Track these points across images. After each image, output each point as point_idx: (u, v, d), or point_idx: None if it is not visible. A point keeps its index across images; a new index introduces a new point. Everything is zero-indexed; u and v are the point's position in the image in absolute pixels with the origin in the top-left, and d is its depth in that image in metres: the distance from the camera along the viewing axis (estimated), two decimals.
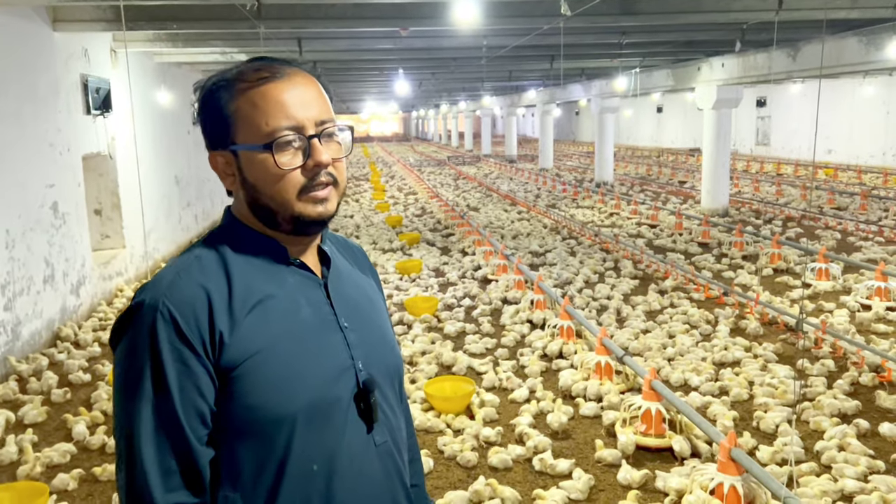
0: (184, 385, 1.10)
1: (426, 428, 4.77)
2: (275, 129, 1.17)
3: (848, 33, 9.69)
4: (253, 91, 1.18)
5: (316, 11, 7.87)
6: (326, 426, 1.18)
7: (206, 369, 1.12)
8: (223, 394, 1.13)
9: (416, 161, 31.75)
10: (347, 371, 1.23)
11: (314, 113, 1.21)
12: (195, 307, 1.12)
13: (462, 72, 17.60)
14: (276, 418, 1.14)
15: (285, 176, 1.18)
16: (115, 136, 8.70)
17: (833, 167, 21.55)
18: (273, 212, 1.20)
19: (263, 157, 1.18)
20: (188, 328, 1.11)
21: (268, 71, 1.20)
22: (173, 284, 1.14)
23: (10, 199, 6.20)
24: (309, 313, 1.23)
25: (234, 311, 1.15)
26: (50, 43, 7.14)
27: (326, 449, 1.18)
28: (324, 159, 1.20)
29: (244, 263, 1.21)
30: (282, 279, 1.23)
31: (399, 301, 7.86)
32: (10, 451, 4.50)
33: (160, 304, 1.11)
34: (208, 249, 1.22)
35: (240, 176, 1.22)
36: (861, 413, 4.82)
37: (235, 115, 1.19)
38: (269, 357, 1.15)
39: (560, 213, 13.96)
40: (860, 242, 10.56)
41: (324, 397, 1.18)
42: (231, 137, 1.20)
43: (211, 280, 1.16)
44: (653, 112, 36.63)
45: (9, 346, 6.06)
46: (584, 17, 7.72)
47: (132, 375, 1.11)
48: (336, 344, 1.24)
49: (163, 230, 10.54)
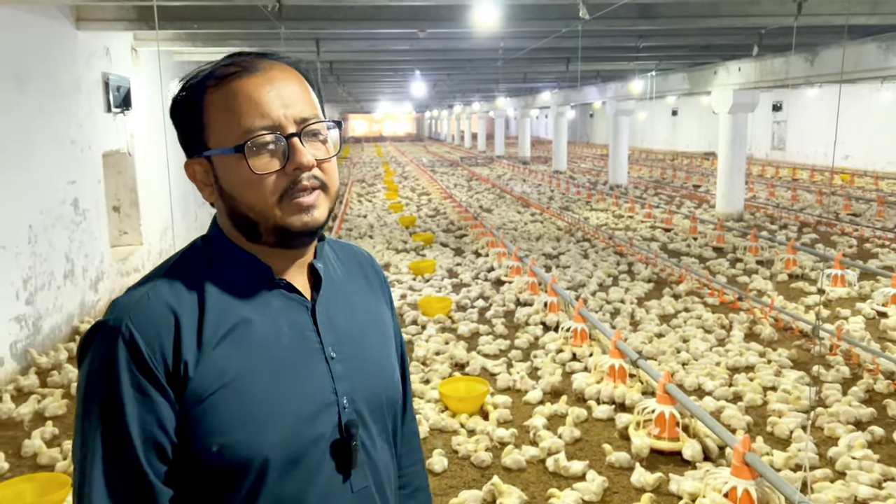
0: (142, 416, 0.99)
1: (440, 427, 4.81)
2: (248, 130, 1.04)
3: (867, 39, 9.65)
4: (223, 89, 1.06)
5: (336, 13, 7.93)
6: (298, 468, 1.06)
7: (167, 400, 1.00)
8: (186, 429, 1.01)
9: (429, 161, 31.80)
10: (329, 408, 1.10)
11: (295, 110, 1.07)
12: (160, 331, 1.01)
13: (477, 73, 17.64)
14: (245, 459, 1.02)
15: (262, 181, 1.05)
16: (133, 133, 8.80)
17: (850, 173, 21.41)
18: (253, 222, 1.08)
19: (237, 161, 1.05)
20: (150, 353, 1.00)
21: (239, 65, 1.07)
22: (139, 304, 1.03)
23: (33, 195, 6.30)
24: (290, 341, 1.09)
25: (204, 338, 1.03)
26: (73, 41, 7.24)
27: (295, 494, 1.06)
28: (305, 161, 1.06)
29: (222, 283, 1.08)
30: (264, 302, 1.10)
31: (413, 301, 7.90)
32: (35, 444, 4.58)
33: (122, 326, 1.00)
34: (185, 265, 1.10)
35: (216, 185, 1.09)
36: (876, 420, 4.82)
37: (206, 117, 1.07)
38: (239, 390, 1.03)
39: (574, 215, 13.96)
40: (877, 249, 10.51)
41: (299, 437, 1.06)
42: (204, 142, 1.08)
43: (182, 301, 1.04)
44: (668, 115, 36.52)
45: (30, 339, 6.15)
46: (602, 20, 7.74)
47: (89, 400, 1.01)
48: (319, 376, 1.10)
49: (178, 228, 10.63)
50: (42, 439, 4.66)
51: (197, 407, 1.01)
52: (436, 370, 5.74)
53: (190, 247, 1.15)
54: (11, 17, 6.06)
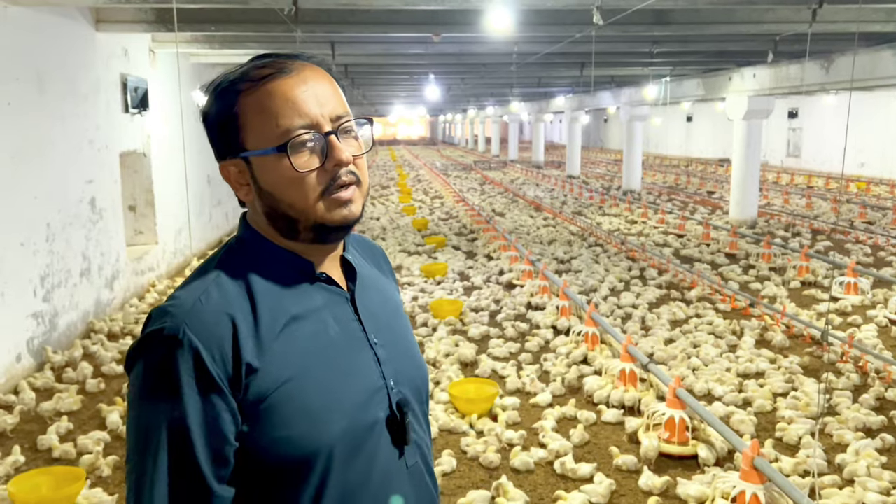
0: (205, 421, 1.00)
1: (450, 429, 4.84)
2: (288, 129, 1.07)
3: (883, 46, 9.61)
4: (259, 90, 1.08)
5: (351, 16, 8.00)
6: (361, 453, 1.10)
7: (228, 406, 1.01)
8: (251, 430, 1.03)
9: (442, 165, 31.87)
10: (380, 391, 1.15)
11: (329, 108, 1.11)
12: (220, 337, 1.02)
13: (491, 77, 17.68)
14: (310, 453, 1.05)
15: (304, 179, 1.08)
16: (150, 134, 8.90)
17: (865, 181, 21.26)
18: (293, 220, 1.11)
19: (278, 160, 1.08)
20: (211, 361, 1.00)
21: (273, 67, 1.10)
22: (194, 311, 1.03)
23: (51, 194, 6.40)
24: (338, 332, 1.13)
25: (262, 338, 1.05)
26: (92, 42, 7.35)
27: (360, 477, 1.10)
28: (344, 157, 1.10)
29: (268, 283, 1.11)
30: (308, 297, 1.13)
31: (424, 303, 7.94)
32: (51, 438, 4.65)
33: (181, 333, 1.00)
34: (228, 268, 1.11)
35: (255, 185, 1.12)
36: (886, 428, 4.80)
37: (243, 118, 1.09)
38: (300, 385, 1.06)
39: (586, 220, 13.96)
40: (891, 257, 10.44)
41: (358, 423, 1.10)
42: (241, 144, 1.10)
43: (234, 305, 1.06)
44: (682, 121, 36.39)
45: (46, 336, 6.24)
46: (617, 25, 7.76)
47: (147, 410, 1.01)
48: (367, 363, 1.15)
49: (194, 227, 10.74)
50: (57, 434, 4.73)
51: (259, 407, 1.03)
52: (446, 372, 5.77)
53: (227, 249, 1.16)
54: (32, 18, 6.16)
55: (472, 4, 6.33)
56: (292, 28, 7.30)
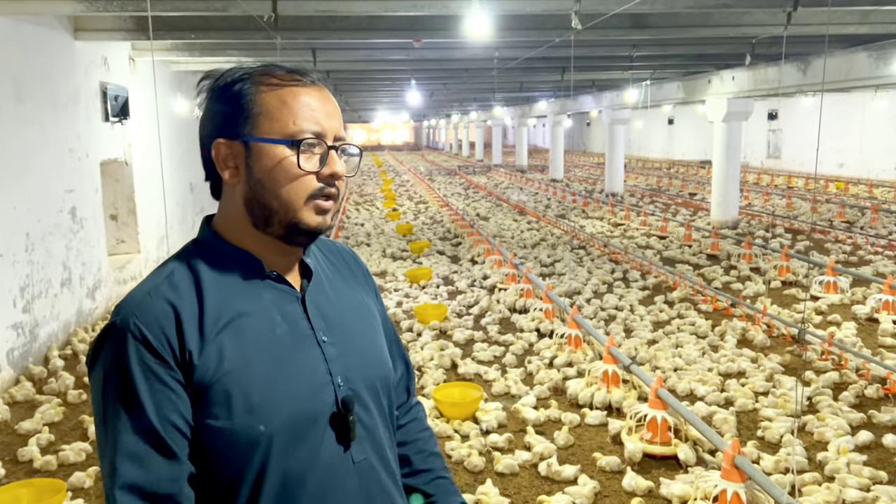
0: (158, 400, 1.08)
1: (435, 433, 4.83)
2: (301, 130, 1.17)
3: (858, 48, 9.75)
4: (284, 90, 1.18)
5: (332, 23, 8.00)
6: (302, 445, 1.16)
7: (180, 383, 1.10)
8: (197, 412, 1.11)
9: (426, 170, 31.89)
10: (325, 387, 1.20)
11: (335, 125, 1.22)
12: (163, 325, 1.10)
13: (474, 82, 17.73)
14: (250, 440, 1.11)
15: (300, 178, 1.17)
16: (131, 142, 8.86)
17: (844, 181, 21.51)
18: (272, 212, 1.18)
19: (284, 153, 1.16)
20: (159, 344, 1.09)
21: (299, 75, 1.21)
22: (142, 303, 1.12)
23: (31, 204, 6.34)
24: (284, 329, 1.19)
25: (205, 330, 1.12)
26: (71, 51, 7.31)
27: (300, 467, 1.15)
28: (339, 170, 1.20)
29: (218, 279, 1.18)
30: (257, 295, 1.20)
31: (408, 308, 7.95)
32: (32, 450, 4.61)
33: (130, 324, 1.09)
34: (181, 265, 1.20)
35: (246, 170, 1.18)
36: (866, 425, 4.86)
37: (260, 107, 1.17)
38: (241, 377, 1.12)
39: (570, 223, 14.02)
40: (870, 256, 10.57)
41: (300, 416, 1.16)
42: (248, 128, 1.17)
43: (181, 298, 1.14)
44: (664, 124, 36.64)
45: (26, 347, 6.18)
46: (595, 30, 7.81)
47: (107, 395, 1.09)
48: (313, 360, 1.20)
49: (177, 236, 10.68)
50: (38, 446, 4.69)
51: (203, 394, 1.11)
52: (430, 376, 5.78)
53: (183, 249, 1.24)
54: (9, 27, 6.12)
55: (451, 10, 6.36)
56: (273, 35, 7.30)
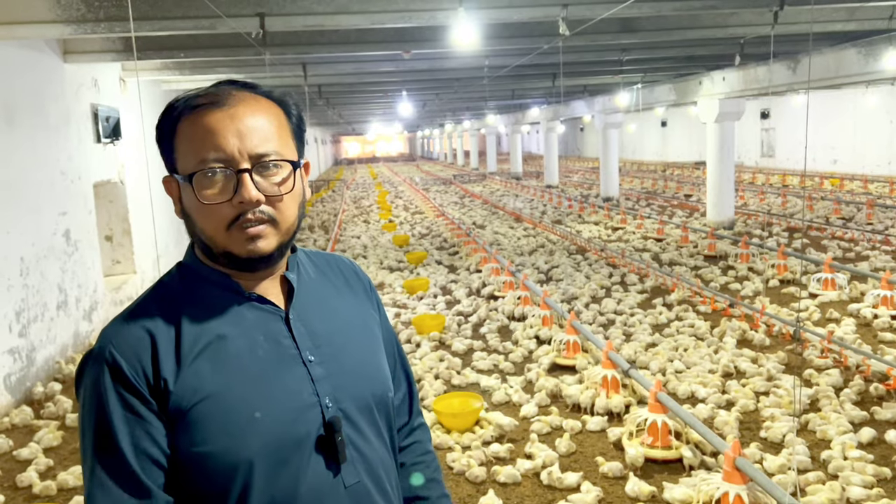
0: (132, 431, 1.07)
1: (435, 445, 4.81)
2: (203, 160, 1.11)
3: (846, 45, 9.78)
4: (191, 119, 1.13)
5: (321, 37, 8.02)
6: (285, 469, 1.12)
7: (154, 413, 1.08)
8: (174, 440, 1.09)
9: (421, 181, 31.91)
10: (311, 409, 1.15)
11: (251, 145, 1.12)
12: (139, 353, 1.09)
13: (465, 91, 17.77)
14: (230, 465, 1.09)
15: (211, 210, 1.12)
16: (124, 163, 8.85)
17: (839, 177, 21.55)
18: (206, 244, 1.16)
19: (190, 188, 1.13)
20: (133, 373, 1.08)
21: (209, 98, 1.14)
22: (121, 331, 1.12)
23: (24, 227, 6.33)
24: (266, 350, 1.16)
25: (182, 355, 1.11)
26: (61, 73, 7.31)
27: (286, 492, 1.12)
28: (248, 196, 1.11)
29: (198, 303, 1.16)
30: (239, 316, 1.17)
31: (407, 319, 7.93)
32: (31, 476, 4.57)
33: (106, 352, 1.09)
34: (162, 290, 1.19)
35: (181, 205, 1.18)
36: (868, 422, 4.84)
37: (176, 141, 1.15)
38: (219, 402, 1.10)
39: (566, 228, 14.02)
40: (867, 252, 10.57)
41: (282, 439, 1.12)
42: (174, 165, 1.16)
43: (158, 324, 1.12)
44: (657, 126, 36.75)
45: (24, 371, 6.15)
46: (584, 35, 7.84)
47: (85, 425, 1.09)
48: (298, 380, 1.16)
49: (172, 256, 10.65)
50: (36, 471, 4.66)
51: (180, 420, 1.09)
52: (429, 387, 5.75)
53: (167, 274, 1.23)
54: None
55: (438, 21, 6.37)
56: (261, 51, 7.31)
